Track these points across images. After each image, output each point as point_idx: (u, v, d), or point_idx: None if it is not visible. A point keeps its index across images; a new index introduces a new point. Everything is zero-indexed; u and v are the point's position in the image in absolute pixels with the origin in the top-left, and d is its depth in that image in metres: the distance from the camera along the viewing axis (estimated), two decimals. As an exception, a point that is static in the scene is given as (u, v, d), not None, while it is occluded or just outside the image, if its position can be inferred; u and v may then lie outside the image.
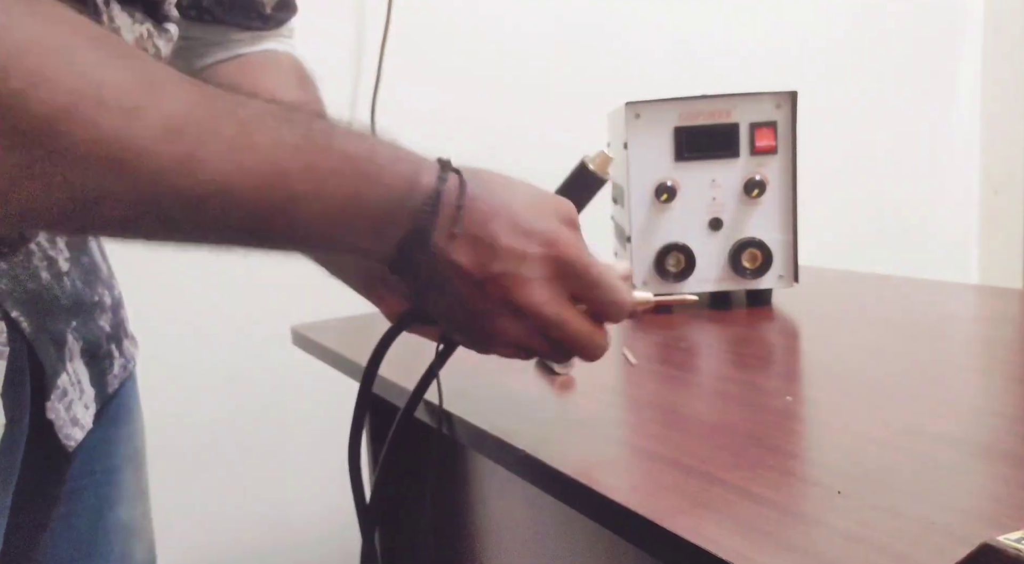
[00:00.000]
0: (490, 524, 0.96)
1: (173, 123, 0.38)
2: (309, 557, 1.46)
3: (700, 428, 0.61)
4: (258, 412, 1.40)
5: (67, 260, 0.56)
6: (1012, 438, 0.55)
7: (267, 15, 0.71)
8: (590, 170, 0.56)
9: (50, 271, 0.54)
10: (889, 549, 0.41)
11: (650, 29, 1.60)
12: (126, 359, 0.64)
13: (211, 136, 0.39)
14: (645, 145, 0.98)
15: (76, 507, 0.59)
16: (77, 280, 0.57)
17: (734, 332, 0.91)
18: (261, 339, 1.32)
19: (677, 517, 0.46)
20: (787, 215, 0.99)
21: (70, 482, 0.58)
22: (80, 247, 0.59)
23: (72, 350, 0.55)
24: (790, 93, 0.97)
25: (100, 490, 0.61)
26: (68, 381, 0.54)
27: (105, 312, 0.61)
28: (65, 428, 0.54)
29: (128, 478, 0.64)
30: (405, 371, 0.64)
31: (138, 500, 0.66)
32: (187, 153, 0.38)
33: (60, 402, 0.53)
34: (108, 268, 0.64)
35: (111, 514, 0.62)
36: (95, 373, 0.58)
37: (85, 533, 0.60)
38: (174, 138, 0.38)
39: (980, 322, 0.94)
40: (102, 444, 0.61)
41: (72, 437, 0.54)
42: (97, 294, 0.60)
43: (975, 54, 1.89)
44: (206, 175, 0.39)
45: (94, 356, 0.58)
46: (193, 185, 0.39)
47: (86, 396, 0.57)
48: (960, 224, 1.93)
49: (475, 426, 0.63)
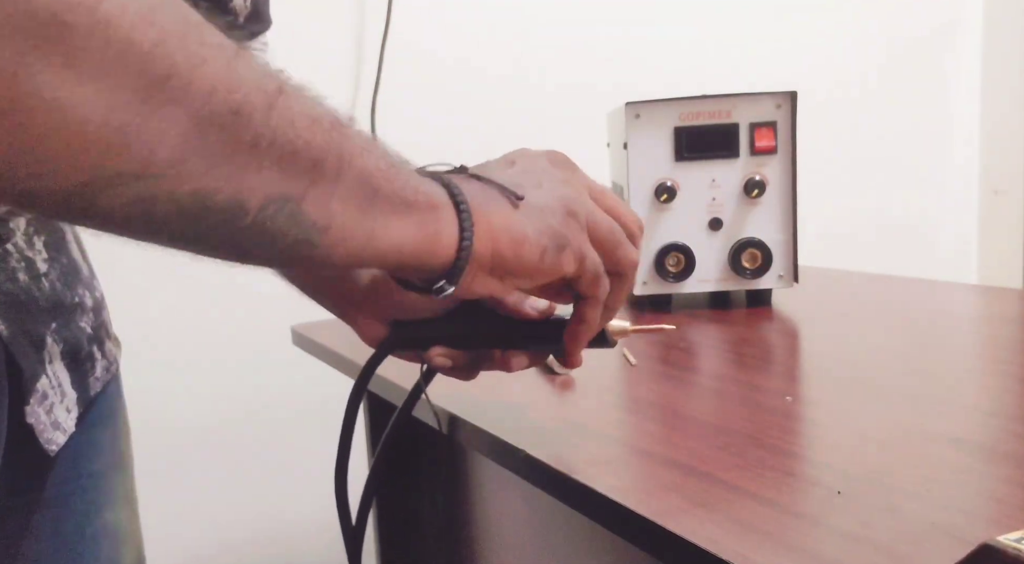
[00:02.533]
0: (490, 524, 0.96)
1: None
2: (305, 560, 1.46)
3: (700, 428, 0.61)
4: (257, 413, 1.40)
5: (45, 261, 0.55)
6: (1012, 438, 0.55)
7: (240, 25, 0.69)
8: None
9: (28, 272, 0.53)
10: (889, 549, 0.41)
11: (650, 29, 1.60)
12: (108, 361, 0.63)
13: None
14: (645, 145, 0.98)
15: (63, 512, 0.58)
16: (56, 281, 0.56)
17: (734, 332, 0.91)
18: (261, 339, 1.32)
19: (677, 517, 0.46)
20: (787, 215, 0.99)
21: (56, 487, 0.57)
22: (58, 247, 0.58)
23: (52, 352, 0.54)
24: (790, 93, 0.97)
25: (87, 495, 0.60)
26: (48, 384, 0.53)
27: (86, 313, 0.60)
28: (46, 432, 0.53)
29: (115, 481, 0.63)
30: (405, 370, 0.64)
31: (125, 504, 0.65)
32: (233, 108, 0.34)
33: (40, 406, 0.52)
34: (89, 269, 0.63)
35: (98, 518, 0.61)
36: (77, 376, 0.57)
37: (72, 538, 0.59)
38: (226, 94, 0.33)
39: (980, 322, 0.94)
40: (87, 448, 0.60)
41: (54, 441, 0.53)
42: (77, 295, 0.59)
43: (975, 54, 1.89)
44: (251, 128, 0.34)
45: (75, 358, 0.57)
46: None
47: (68, 399, 0.56)
48: (960, 224, 1.93)
49: (475, 426, 0.63)
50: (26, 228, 0.54)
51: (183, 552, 1.38)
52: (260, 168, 0.35)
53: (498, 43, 1.49)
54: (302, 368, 1.19)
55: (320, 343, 0.94)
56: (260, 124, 0.35)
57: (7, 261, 0.51)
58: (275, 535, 1.44)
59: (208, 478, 1.38)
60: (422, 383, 0.58)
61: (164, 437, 1.31)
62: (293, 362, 1.19)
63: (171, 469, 1.33)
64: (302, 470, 1.42)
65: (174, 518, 1.33)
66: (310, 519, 1.44)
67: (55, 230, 0.58)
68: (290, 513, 1.44)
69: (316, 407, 1.40)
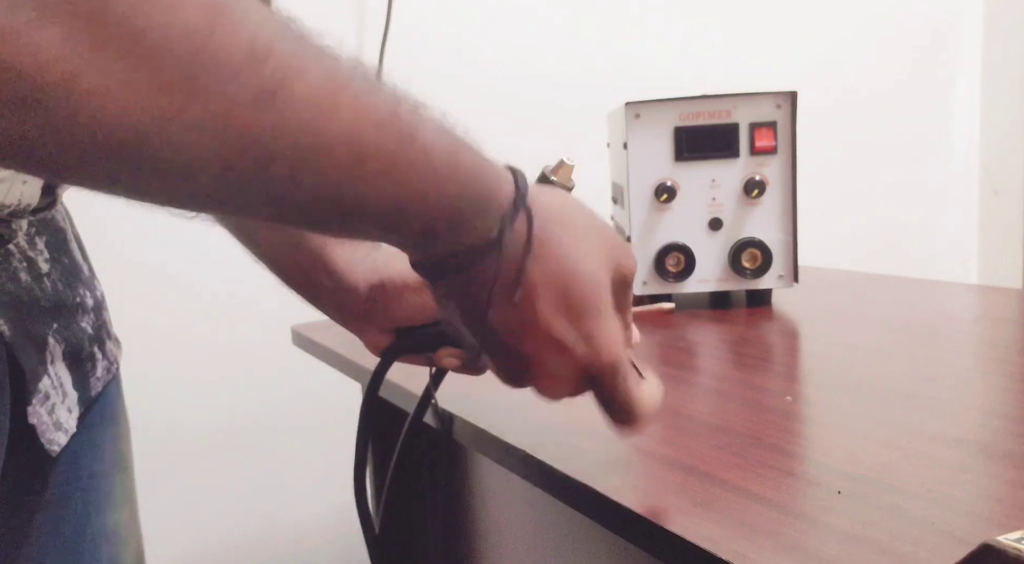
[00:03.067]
0: (490, 524, 0.96)
1: (258, 47, 0.31)
2: (305, 561, 1.45)
3: (700, 428, 0.61)
4: (257, 413, 1.40)
5: (47, 261, 0.55)
6: (1012, 438, 0.55)
7: None
8: (553, 182, 0.53)
9: (30, 273, 0.53)
10: (889, 549, 0.41)
11: (650, 29, 1.60)
12: (109, 361, 0.63)
13: (297, 76, 0.32)
14: (645, 145, 0.98)
15: (63, 513, 0.58)
16: (58, 281, 0.56)
17: (734, 332, 0.91)
18: (261, 339, 1.32)
19: (677, 517, 0.46)
20: (787, 215, 0.99)
21: (57, 488, 0.57)
22: (60, 248, 0.58)
23: (54, 353, 0.54)
24: (790, 93, 0.97)
25: (87, 495, 0.60)
26: (50, 384, 0.53)
27: (87, 313, 0.59)
28: (48, 433, 0.53)
29: (115, 482, 0.63)
30: (404, 370, 0.64)
31: (125, 505, 0.65)
32: (268, 88, 0.31)
33: (42, 406, 0.52)
34: (89, 268, 0.63)
35: (98, 520, 0.61)
36: (78, 376, 0.57)
37: (72, 540, 0.59)
38: (260, 63, 0.31)
39: (980, 322, 0.94)
40: (88, 448, 0.60)
41: (55, 442, 0.53)
42: (79, 295, 0.59)
43: (975, 54, 1.89)
44: (284, 123, 0.32)
45: (76, 358, 0.57)
46: (267, 132, 0.32)
47: (69, 399, 0.56)
48: (960, 224, 1.93)
49: (476, 427, 0.63)
50: (28, 229, 0.54)
51: (183, 553, 1.38)
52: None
53: (498, 44, 1.49)
54: (302, 368, 1.19)
55: (320, 343, 0.95)
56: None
57: (9, 261, 0.51)
58: (275, 536, 1.43)
59: (208, 479, 1.38)
60: (431, 386, 0.58)
61: (164, 438, 1.31)
62: (293, 362, 1.19)
63: (171, 470, 1.33)
64: (302, 471, 1.42)
65: (174, 519, 1.33)
66: (310, 520, 1.44)
67: (56, 230, 0.58)
68: (290, 514, 1.44)
69: (316, 407, 1.40)
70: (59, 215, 0.59)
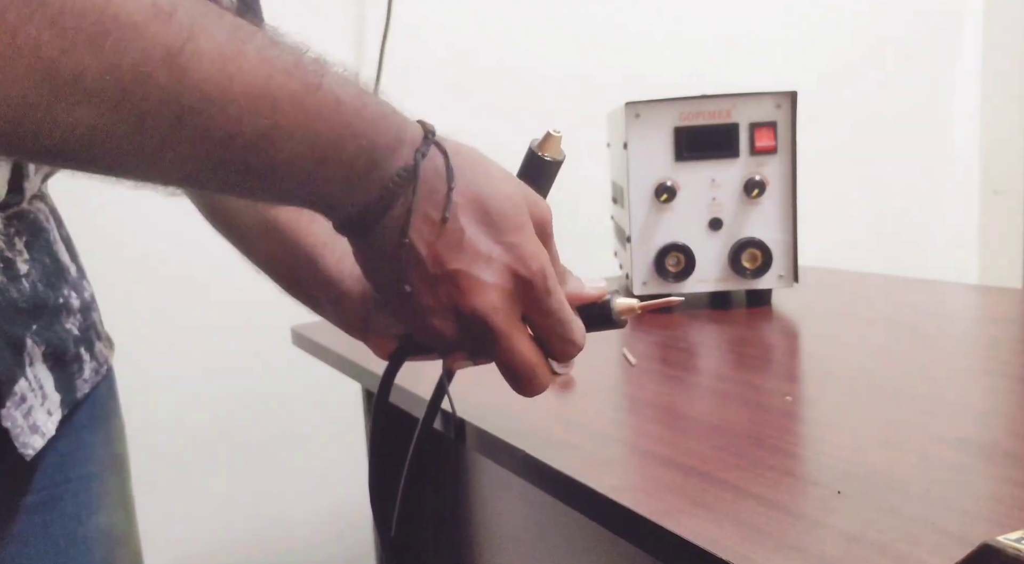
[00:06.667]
0: (490, 524, 0.96)
1: (161, 5, 0.33)
2: (304, 561, 1.45)
3: (700, 428, 0.61)
4: (257, 413, 1.40)
5: (26, 262, 0.55)
6: (1012, 438, 0.55)
7: None
8: (541, 156, 0.51)
9: (6, 273, 0.53)
10: (889, 549, 0.41)
11: (650, 29, 1.60)
12: (98, 362, 0.62)
13: (203, 31, 0.34)
14: (645, 145, 0.99)
15: (53, 515, 0.58)
16: (38, 282, 0.55)
17: (734, 332, 0.91)
18: (261, 339, 1.32)
19: (677, 517, 0.46)
20: (787, 215, 0.99)
21: (45, 490, 0.57)
22: (41, 248, 0.57)
23: (32, 354, 0.54)
24: (790, 93, 0.97)
25: (78, 497, 0.59)
26: (28, 387, 0.53)
27: (72, 314, 0.59)
28: (22, 436, 0.52)
29: (108, 484, 0.63)
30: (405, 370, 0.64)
31: (120, 506, 0.64)
32: (176, 43, 0.33)
33: (17, 409, 0.51)
34: (78, 269, 0.62)
35: (90, 521, 0.60)
36: (61, 377, 0.57)
37: (63, 542, 0.58)
38: (165, 20, 0.33)
39: (980, 322, 0.94)
40: (77, 450, 0.59)
41: (30, 445, 0.53)
42: (62, 296, 0.58)
43: (975, 53, 1.89)
44: (193, 75, 0.34)
45: (60, 360, 0.56)
46: (177, 86, 0.33)
47: (49, 402, 0.55)
48: (960, 224, 1.93)
49: (476, 426, 0.63)
50: (5, 229, 0.54)
51: (182, 554, 1.38)
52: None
53: (498, 44, 1.49)
54: (302, 368, 1.20)
55: (320, 343, 0.95)
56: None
57: None
58: (274, 536, 1.43)
59: (207, 479, 1.38)
60: (445, 381, 0.57)
61: (162, 439, 1.31)
62: (293, 362, 1.19)
63: (169, 471, 1.33)
64: (302, 471, 1.42)
65: (172, 520, 1.33)
66: (309, 520, 1.44)
67: (39, 230, 0.58)
68: (289, 514, 1.44)
69: (316, 407, 1.40)
70: (41, 215, 0.59)
